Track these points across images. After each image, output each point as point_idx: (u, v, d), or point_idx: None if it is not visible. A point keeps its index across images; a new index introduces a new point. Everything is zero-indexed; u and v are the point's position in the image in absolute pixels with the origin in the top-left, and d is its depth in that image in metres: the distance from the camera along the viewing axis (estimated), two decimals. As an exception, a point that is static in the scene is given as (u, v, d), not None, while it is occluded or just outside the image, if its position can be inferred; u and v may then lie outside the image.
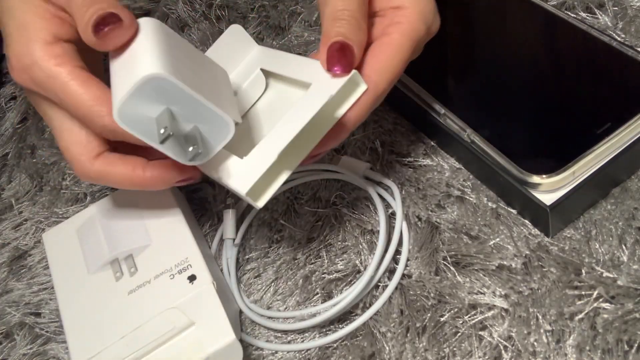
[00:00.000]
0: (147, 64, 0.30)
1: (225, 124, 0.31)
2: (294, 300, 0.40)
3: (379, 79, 0.34)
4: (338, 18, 0.34)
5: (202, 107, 0.30)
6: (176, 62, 0.31)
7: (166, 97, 0.30)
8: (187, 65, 0.32)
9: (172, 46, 0.32)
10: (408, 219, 0.41)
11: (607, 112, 0.37)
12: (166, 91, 0.29)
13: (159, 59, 0.30)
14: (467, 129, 0.40)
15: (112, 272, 0.40)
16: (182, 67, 0.31)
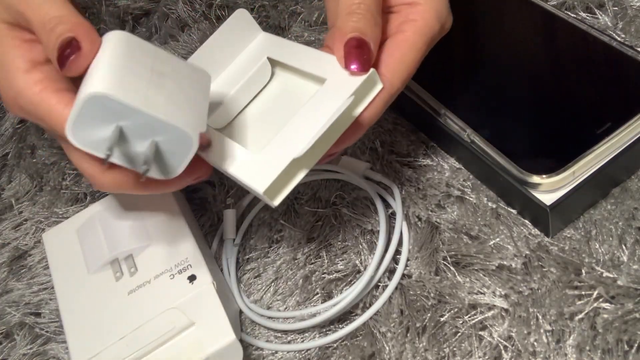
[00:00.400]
0: (92, 84, 0.29)
1: (184, 136, 0.30)
2: (294, 300, 0.40)
3: (394, 78, 0.33)
4: (354, 12, 0.33)
5: (155, 121, 0.29)
6: (129, 78, 0.30)
7: (115, 114, 0.29)
8: (146, 79, 0.31)
9: (132, 60, 0.31)
10: (408, 219, 0.41)
11: (607, 112, 0.37)
12: (113, 109, 0.29)
13: (104, 77, 0.29)
14: (467, 129, 0.40)
15: (112, 272, 0.40)
16: (138, 81, 0.30)
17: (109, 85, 0.29)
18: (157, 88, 0.30)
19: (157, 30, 0.62)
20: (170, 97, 0.31)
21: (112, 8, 0.64)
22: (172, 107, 0.30)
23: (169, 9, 0.62)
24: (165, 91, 0.31)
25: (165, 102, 0.30)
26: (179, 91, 0.32)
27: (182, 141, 0.30)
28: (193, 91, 0.33)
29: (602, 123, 0.37)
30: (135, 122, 0.29)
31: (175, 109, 0.30)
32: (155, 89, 0.30)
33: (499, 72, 0.43)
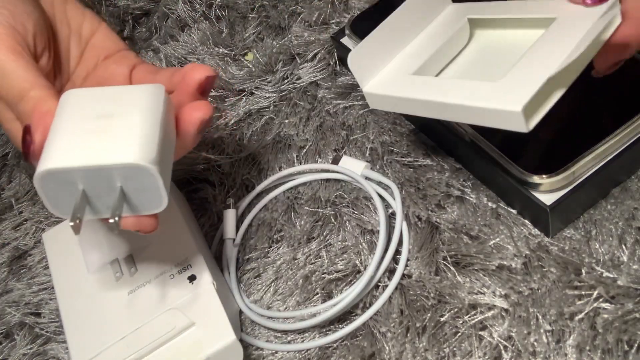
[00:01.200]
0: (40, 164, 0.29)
1: (137, 168, 0.29)
2: (294, 300, 0.40)
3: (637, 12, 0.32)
4: None
5: (102, 170, 0.29)
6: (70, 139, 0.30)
7: (70, 183, 0.30)
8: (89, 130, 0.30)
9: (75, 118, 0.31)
10: (408, 219, 0.41)
11: (607, 112, 0.37)
12: (64, 179, 0.29)
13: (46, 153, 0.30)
14: (467, 129, 0.40)
15: (112, 272, 0.40)
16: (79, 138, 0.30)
17: (50, 159, 0.29)
18: (102, 133, 0.30)
19: (157, 30, 0.62)
20: (117, 136, 0.30)
21: (112, 8, 0.64)
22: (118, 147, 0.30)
23: (169, 9, 0.62)
24: (112, 131, 0.30)
25: (111, 143, 0.30)
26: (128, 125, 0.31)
27: (141, 174, 0.30)
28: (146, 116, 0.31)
29: (602, 123, 0.37)
30: (90, 179, 0.30)
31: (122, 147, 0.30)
32: (99, 136, 0.30)
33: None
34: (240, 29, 0.58)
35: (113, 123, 0.31)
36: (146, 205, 0.31)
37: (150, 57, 0.58)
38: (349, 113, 0.48)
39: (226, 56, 0.56)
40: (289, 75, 0.52)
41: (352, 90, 0.50)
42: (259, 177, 0.47)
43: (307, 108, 0.50)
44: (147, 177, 0.30)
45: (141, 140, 0.30)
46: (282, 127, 0.49)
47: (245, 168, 0.48)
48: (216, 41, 0.57)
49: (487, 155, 0.38)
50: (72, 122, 0.31)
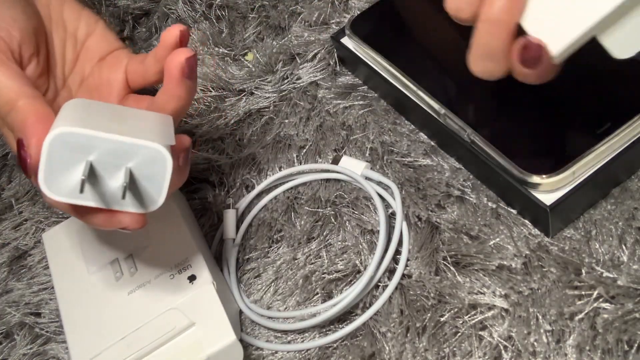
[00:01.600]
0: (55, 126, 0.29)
1: (153, 151, 0.29)
2: (294, 300, 0.40)
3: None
4: None
5: (119, 145, 0.29)
6: (89, 117, 0.30)
7: (80, 151, 0.29)
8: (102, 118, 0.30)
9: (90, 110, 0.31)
10: (408, 219, 0.41)
11: (607, 112, 0.37)
12: (75, 146, 0.29)
13: (58, 121, 0.29)
14: (467, 129, 0.40)
15: (112, 272, 0.40)
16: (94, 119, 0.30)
17: (69, 123, 0.29)
18: (118, 122, 0.30)
19: (157, 30, 0.62)
20: (133, 127, 0.30)
21: (112, 8, 0.64)
22: (137, 132, 0.30)
23: (169, 9, 0.62)
24: (127, 124, 0.30)
25: (129, 129, 0.30)
26: (142, 123, 0.31)
27: (155, 160, 0.30)
28: (157, 125, 0.32)
29: (602, 123, 0.37)
30: (102, 153, 0.29)
31: (141, 133, 0.30)
32: (117, 123, 0.30)
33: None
34: (240, 29, 0.58)
35: (128, 121, 0.31)
36: (143, 200, 0.31)
37: (150, 57, 0.58)
38: (349, 113, 0.48)
39: (226, 56, 0.56)
40: (289, 75, 0.52)
41: (352, 90, 0.50)
42: (259, 177, 0.47)
43: (307, 108, 0.50)
44: (161, 166, 0.30)
45: (160, 131, 0.30)
46: (282, 127, 0.49)
47: (245, 168, 0.48)
48: (216, 41, 0.57)
49: (487, 155, 0.38)
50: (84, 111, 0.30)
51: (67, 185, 0.29)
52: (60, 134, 0.28)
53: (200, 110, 0.53)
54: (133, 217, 0.31)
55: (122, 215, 0.31)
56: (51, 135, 0.28)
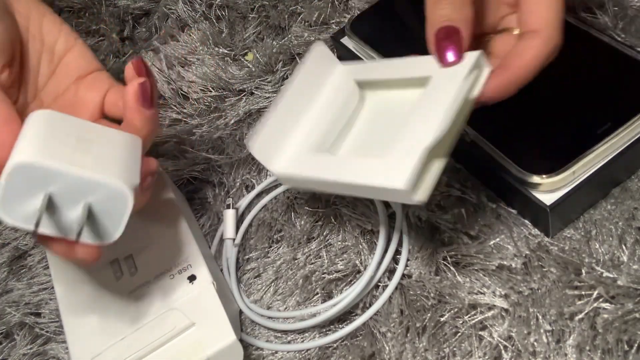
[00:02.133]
0: (12, 157, 0.29)
1: (117, 191, 0.29)
2: (294, 300, 0.40)
3: (547, 32, 0.32)
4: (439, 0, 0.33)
5: (83, 181, 0.29)
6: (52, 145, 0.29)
7: (42, 181, 0.28)
8: (71, 146, 0.30)
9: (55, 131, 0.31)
10: (408, 219, 0.41)
11: (607, 112, 0.37)
12: (38, 176, 0.28)
13: (25, 147, 0.29)
14: (467, 129, 0.40)
15: (112, 272, 0.40)
16: (62, 148, 0.30)
17: (31, 153, 0.28)
18: (83, 152, 0.30)
19: (157, 30, 0.62)
20: (98, 158, 0.30)
21: (112, 8, 0.64)
22: (100, 166, 0.30)
23: (169, 9, 0.62)
24: (92, 154, 0.30)
25: (93, 162, 0.30)
26: (108, 153, 0.31)
27: (116, 198, 0.29)
28: (123, 152, 0.32)
29: (602, 123, 0.37)
30: (63, 186, 0.29)
31: (104, 168, 0.30)
32: (81, 153, 0.30)
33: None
34: (240, 29, 0.58)
35: (94, 148, 0.30)
36: (99, 233, 0.30)
37: (150, 57, 0.58)
38: (349, 113, 0.48)
39: (226, 56, 0.56)
40: (289, 75, 0.52)
41: (352, 90, 0.50)
42: (259, 177, 0.47)
43: (307, 108, 0.50)
44: (121, 203, 0.30)
45: (124, 166, 0.30)
46: (282, 127, 0.49)
47: (245, 168, 0.48)
48: (216, 41, 0.57)
49: (487, 155, 0.38)
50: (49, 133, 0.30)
51: (25, 212, 0.29)
52: (20, 165, 0.28)
53: (200, 110, 0.53)
54: (88, 250, 0.31)
55: (78, 246, 0.31)
56: (10, 165, 0.28)
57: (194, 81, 0.55)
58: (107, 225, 0.30)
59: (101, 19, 0.63)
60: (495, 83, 0.32)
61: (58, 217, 0.30)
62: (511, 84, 0.33)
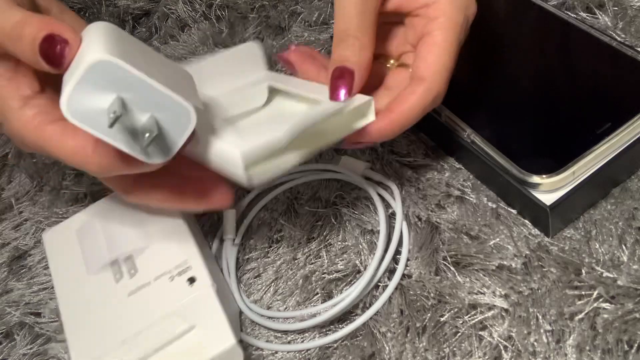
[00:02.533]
0: (92, 52, 0.28)
1: (183, 109, 0.29)
2: (294, 300, 0.40)
3: (432, 82, 0.34)
4: (341, 40, 0.35)
5: (156, 92, 0.28)
6: (126, 50, 0.29)
7: (116, 84, 0.28)
8: (139, 57, 0.30)
9: (123, 41, 0.30)
10: (408, 219, 0.41)
11: (607, 112, 0.37)
12: (115, 78, 0.28)
13: (105, 45, 0.28)
14: (467, 129, 0.40)
15: (112, 273, 0.40)
16: (133, 56, 0.29)
17: (113, 52, 0.28)
18: (149, 65, 0.30)
19: (157, 30, 0.62)
20: (164, 75, 0.30)
21: (112, 8, 0.64)
22: (171, 84, 0.30)
23: (169, 9, 0.62)
24: (158, 70, 0.30)
25: (161, 77, 0.29)
26: (173, 75, 0.32)
27: (180, 116, 0.29)
28: (183, 78, 0.33)
29: (602, 123, 0.37)
30: (137, 95, 0.28)
31: (173, 86, 0.30)
32: (148, 66, 0.29)
33: (498, 72, 0.43)
34: (240, 29, 0.58)
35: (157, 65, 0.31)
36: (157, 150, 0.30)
37: (150, 57, 0.58)
38: (349, 113, 0.48)
39: (226, 56, 0.56)
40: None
41: (352, 90, 0.50)
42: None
43: (307, 108, 0.50)
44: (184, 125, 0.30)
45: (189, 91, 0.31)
46: (282, 127, 0.49)
47: (245, 168, 0.48)
48: (216, 41, 0.57)
49: (487, 155, 0.38)
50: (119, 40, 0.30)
51: (89, 113, 0.28)
52: (106, 61, 0.27)
53: (200, 110, 0.53)
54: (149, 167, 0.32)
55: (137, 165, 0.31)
56: (94, 57, 0.27)
57: (194, 81, 0.55)
58: (166, 143, 0.30)
59: (101, 19, 0.63)
60: (378, 126, 0.35)
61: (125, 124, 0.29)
62: (394, 128, 0.35)
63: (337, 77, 0.35)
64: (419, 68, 0.35)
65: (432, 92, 0.35)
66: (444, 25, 0.35)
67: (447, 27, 0.35)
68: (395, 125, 0.35)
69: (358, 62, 0.35)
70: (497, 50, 0.44)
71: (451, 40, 0.35)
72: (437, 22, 0.35)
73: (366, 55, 0.35)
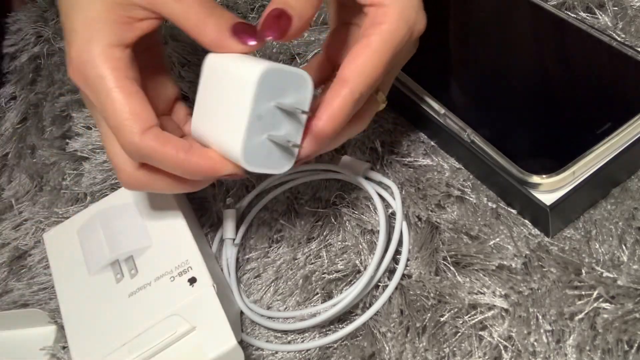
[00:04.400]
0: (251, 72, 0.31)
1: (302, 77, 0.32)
2: (294, 300, 0.40)
3: (355, 84, 0.33)
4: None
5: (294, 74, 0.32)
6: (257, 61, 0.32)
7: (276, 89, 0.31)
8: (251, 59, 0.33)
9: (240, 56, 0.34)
10: (408, 219, 0.41)
11: (607, 112, 0.37)
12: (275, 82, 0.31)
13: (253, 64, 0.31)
14: (467, 129, 0.40)
15: (113, 273, 0.40)
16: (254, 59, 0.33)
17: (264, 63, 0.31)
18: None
19: (156, 30, 0.62)
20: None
21: (111, 8, 0.64)
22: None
23: (168, 8, 0.62)
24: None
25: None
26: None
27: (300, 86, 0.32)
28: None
29: (602, 123, 0.37)
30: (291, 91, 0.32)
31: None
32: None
33: (498, 72, 0.43)
34: (240, 29, 0.58)
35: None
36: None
37: (150, 57, 0.58)
38: (348, 113, 0.48)
39: (226, 56, 0.56)
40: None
41: (352, 90, 0.49)
42: (259, 177, 0.47)
43: (307, 108, 0.50)
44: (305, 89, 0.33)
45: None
46: (282, 127, 0.49)
47: (245, 168, 0.48)
48: (216, 41, 0.57)
49: (487, 155, 0.38)
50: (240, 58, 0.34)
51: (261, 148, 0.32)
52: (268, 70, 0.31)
53: (200, 110, 0.53)
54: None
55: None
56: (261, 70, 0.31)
57: (194, 81, 0.55)
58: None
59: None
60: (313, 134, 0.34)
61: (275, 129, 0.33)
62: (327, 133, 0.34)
63: (272, 16, 0.32)
64: (344, 68, 0.33)
65: (354, 94, 0.33)
66: (384, 34, 0.34)
67: (387, 37, 0.34)
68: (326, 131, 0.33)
69: (300, 11, 0.33)
70: (497, 51, 0.44)
71: (386, 50, 0.33)
72: (379, 28, 0.34)
73: (309, 9, 0.33)
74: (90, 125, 0.56)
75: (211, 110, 0.34)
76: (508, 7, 0.46)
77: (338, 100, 0.33)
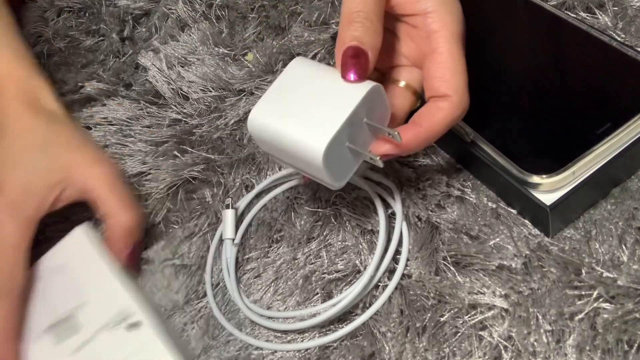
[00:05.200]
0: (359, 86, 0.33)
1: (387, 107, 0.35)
2: (294, 300, 0.40)
3: (457, 98, 0.34)
4: (353, 20, 0.33)
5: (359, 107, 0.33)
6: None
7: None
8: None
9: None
10: (408, 219, 0.41)
11: (607, 112, 0.37)
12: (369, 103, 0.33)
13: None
14: (467, 129, 0.40)
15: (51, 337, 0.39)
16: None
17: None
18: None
19: (157, 30, 0.62)
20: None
21: (112, 8, 0.64)
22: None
23: (169, 9, 0.62)
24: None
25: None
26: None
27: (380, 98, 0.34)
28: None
29: (602, 123, 0.37)
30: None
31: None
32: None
33: (499, 72, 0.43)
34: (240, 29, 0.58)
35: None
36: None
37: (150, 57, 0.58)
38: (349, 113, 0.48)
39: (226, 56, 0.56)
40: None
41: (352, 90, 0.49)
42: (258, 177, 0.47)
43: (307, 108, 0.50)
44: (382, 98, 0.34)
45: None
46: (282, 127, 0.49)
47: (245, 168, 0.48)
48: (216, 41, 0.57)
49: (487, 155, 0.38)
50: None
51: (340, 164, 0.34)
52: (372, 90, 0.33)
53: (200, 110, 0.53)
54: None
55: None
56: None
57: (194, 81, 0.55)
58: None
59: (101, 19, 0.63)
60: (406, 137, 0.34)
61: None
62: (421, 141, 0.35)
63: (350, 56, 0.33)
64: (440, 86, 0.34)
65: (460, 107, 0.34)
66: (448, 39, 0.34)
67: (451, 41, 0.34)
68: (422, 139, 0.35)
69: (372, 46, 0.33)
70: (497, 51, 0.44)
71: (460, 54, 0.35)
72: (441, 37, 0.34)
73: (378, 41, 0.34)
74: (90, 125, 0.56)
75: (295, 106, 0.34)
76: (508, 8, 0.46)
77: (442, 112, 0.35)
